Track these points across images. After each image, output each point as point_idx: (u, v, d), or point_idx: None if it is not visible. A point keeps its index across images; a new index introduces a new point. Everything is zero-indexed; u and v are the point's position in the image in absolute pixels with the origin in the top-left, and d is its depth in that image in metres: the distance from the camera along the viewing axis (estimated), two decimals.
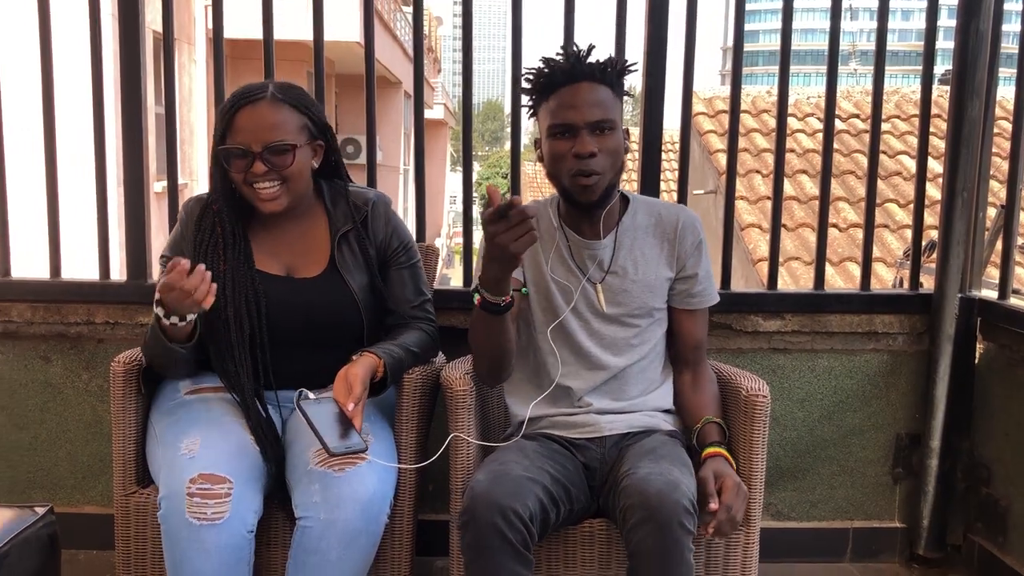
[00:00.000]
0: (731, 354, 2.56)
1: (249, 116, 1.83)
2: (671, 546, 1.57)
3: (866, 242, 2.67)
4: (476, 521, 1.61)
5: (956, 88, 2.54)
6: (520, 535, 1.60)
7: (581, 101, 1.81)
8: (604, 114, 1.81)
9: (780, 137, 2.61)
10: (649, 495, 1.60)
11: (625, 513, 1.62)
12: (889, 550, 2.64)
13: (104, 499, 2.57)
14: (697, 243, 1.97)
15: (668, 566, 1.58)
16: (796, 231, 6.71)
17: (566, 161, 1.82)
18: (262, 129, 1.83)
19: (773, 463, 2.58)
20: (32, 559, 1.57)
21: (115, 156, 2.61)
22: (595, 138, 1.81)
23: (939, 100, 5.80)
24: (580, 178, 1.82)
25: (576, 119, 1.80)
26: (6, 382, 2.55)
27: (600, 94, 1.82)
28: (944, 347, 2.52)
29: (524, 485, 1.66)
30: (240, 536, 1.70)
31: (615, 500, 1.71)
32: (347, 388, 1.75)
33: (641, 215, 1.97)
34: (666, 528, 1.57)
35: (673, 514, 1.57)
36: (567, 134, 1.82)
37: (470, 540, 1.62)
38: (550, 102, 1.84)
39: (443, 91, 23.78)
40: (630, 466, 1.73)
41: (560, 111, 1.82)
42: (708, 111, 7.74)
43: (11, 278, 2.55)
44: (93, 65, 2.51)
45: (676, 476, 1.66)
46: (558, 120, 1.82)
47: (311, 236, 1.98)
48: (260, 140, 1.82)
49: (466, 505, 1.64)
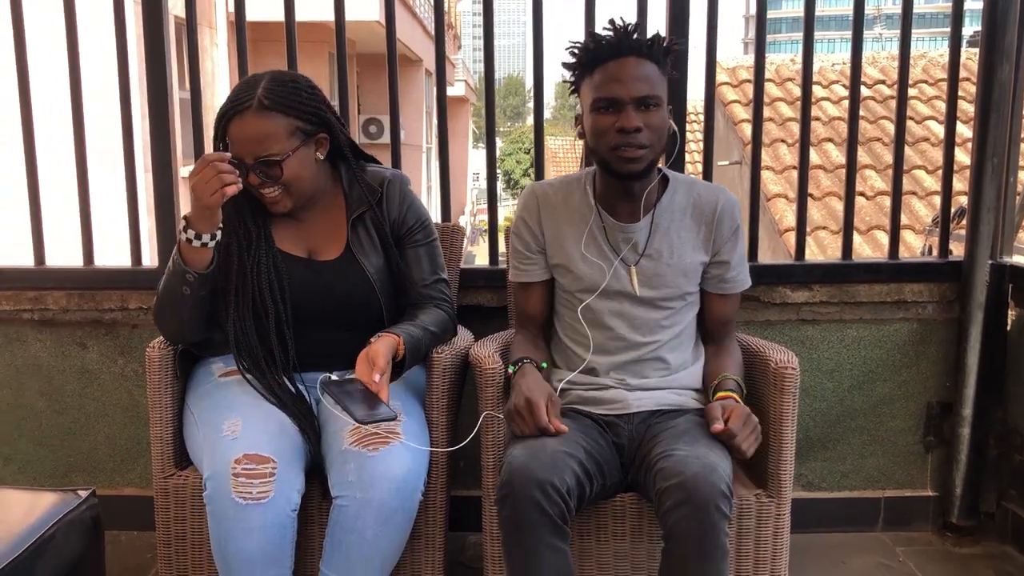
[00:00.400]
0: (759, 326, 2.55)
1: (239, 128, 1.83)
2: (707, 529, 1.58)
3: (894, 210, 2.64)
4: (515, 495, 1.62)
5: (985, 50, 2.49)
6: (558, 508, 1.62)
7: (627, 75, 1.78)
8: (651, 89, 1.79)
9: (805, 105, 2.58)
10: (686, 477, 1.60)
11: (662, 495, 1.62)
12: (921, 519, 2.64)
13: (143, 481, 2.62)
14: (734, 229, 1.95)
15: (704, 548, 1.58)
16: (823, 200, 6.65)
17: (609, 136, 1.80)
18: (250, 142, 1.83)
19: (803, 434, 2.58)
20: (76, 541, 1.61)
21: (141, 143, 2.63)
22: (640, 114, 1.78)
23: (968, 63, 5.71)
24: (624, 150, 1.79)
25: (622, 93, 1.78)
26: (45, 369, 2.60)
27: (646, 69, 1.80)
28: (975, 314, 2.50)
29: (561, 459, 1.67)
30: (284, 515, 1.74)
31: (649, 480, 1.72)
32: (370, 365, 1.76)
33: (680, 196, 1.95)
34: (703, 511, 1.57)
35: (710, 497, 1.58)
36: (611, 109, 1.79)
37: (508, 514, 1.63)
38: (594, 76, 1.81)
39: (464, 67, 23.66)
40: (665, 447, 1.73)
41: (605, 85, 1.79)
42: (731, 81, 7.67)
43: (46, 266, 2.60)
44: (119, 52, 2.53)
45: (713, 459, 1.66)
46: (603, 94, 1.80)
47: (329, 219, 1.99)
48: (250, 153, 1.83)
49: (504, 479, 1.65)
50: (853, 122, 2.61)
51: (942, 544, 2.56)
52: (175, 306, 1.87)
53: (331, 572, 1.79)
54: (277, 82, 1.86)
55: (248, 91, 1.84)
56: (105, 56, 2.60)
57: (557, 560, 1.63)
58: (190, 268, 1.81)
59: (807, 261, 2.63)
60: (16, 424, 2.63)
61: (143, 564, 2.43)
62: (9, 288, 2.56)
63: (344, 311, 1.94)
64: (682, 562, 1.60)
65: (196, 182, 1.74)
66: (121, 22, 2.52)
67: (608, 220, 1.93)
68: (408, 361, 1.86)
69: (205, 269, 1.83)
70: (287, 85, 1.86)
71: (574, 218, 1.96)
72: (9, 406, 2.62)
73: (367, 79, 13.24)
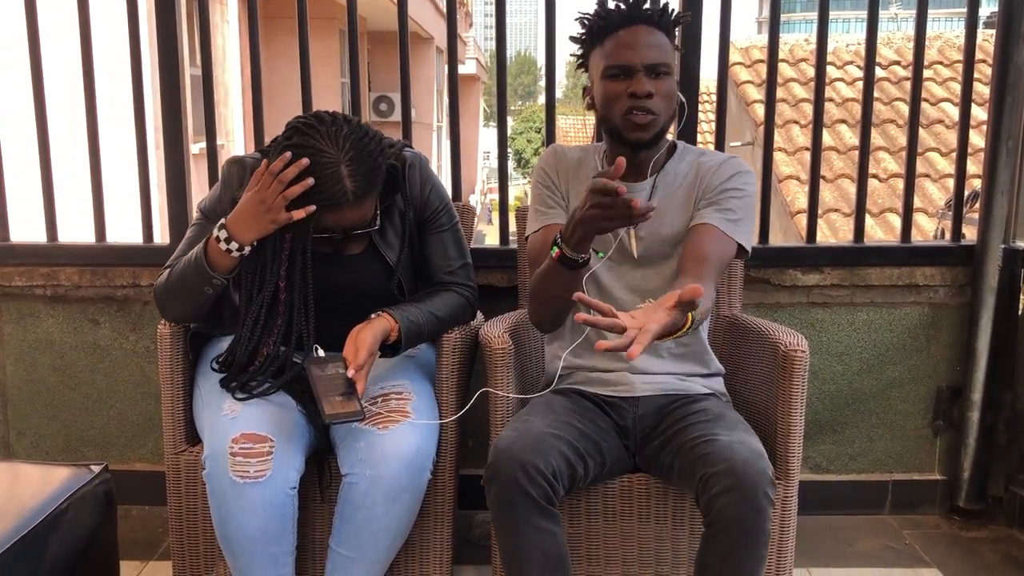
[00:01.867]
0: (769, 309, 2.55)
1: (335, 218, 1.78)
2: (755, 515, 1.58)
3: (907, 193, 2.63)
4: (499, 477, 1.64)
5: (1001, 32, 2.47)
6: (542, 490, 1.63)
7: (640, 43, 1.78)
8: (661, 57, 1.79)
9: (819, 86, 2.57)
10: (735, 463, 1.59)
11: (708, 480, 1.61)
12: (929, 502, 2.64)
13: (154, 456, 2.65)
14: (726, 178, 1.85)
15: (750, 534, 1.59)
16: (835, 182, 6.62)
17: (620, 101, 1.79)
18: (347, 225, 1.82)
19: (812, 416, 2.58)
20: (89, 516, 1.63)
21: (153, 120, 2.64)
22: (651, 80, 1.78)
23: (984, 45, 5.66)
24: (635, 115, 1.78)
25: (634, 60, 1.78)
26: (57, 344, 2.62)
27: (657, 38, 1.80)
28: (986, 299, 2.49)
29: (546, 441, 1.68)
30: (283, 493, 1.75)
31: (685, 464, 1.70)
32: (354, 351, 1.76)
33: (686, 163, 1.92)
34: (752, 497, 1.57)
35: (759, 483, 1.58)
36: (623, 75, 1.79)
37: (494, 495, 1.65)
38: (605, 45, 1.81)
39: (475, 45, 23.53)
40: (702, 432, 1.72)
41: (617, 52, 1.79)
42: (744, 61, 7.61)
43: (59, 242, 2.61)
44: (130, 28, 2.52)
45: (758, 446, 1.67)
46: (615, 61, 1.79)
47: None
48: (343, 230, 1.84)
49: (490, 461, 1.67)
50: (867, 103, 2.59)
51: (949, 528, 2.57)
52: (189, 299, 1.86)
53: (340, 548, 1.81)
54: (358, 163, 1.75)
55: (335, 183, 1.73)
56: (117, 33, 2.60)
57: (543, 540, 1.64)
58: (216, 273, 1.80)
59: (818, 244, 2.63)
60: (29, 399, 2.65)
61: (154, 538, 2.46)
62: (22, 264, 2.58)
63: (366, 301, 1.92)
64: (729, 547, 1.60)
65: (268, 196, 1.72)
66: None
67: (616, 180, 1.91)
68: (404, 344, 1.85)
69: (229, 274, 1.83)
70: (366, 163, 1.76)
71: (584, 184, 1.94)
72: (23, 381, 2.64)
73: (378, 56, 13.19)
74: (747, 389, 2.10)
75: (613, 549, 1.90)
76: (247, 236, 1.77)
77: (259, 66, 2.57)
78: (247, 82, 3.51)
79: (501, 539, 1.68)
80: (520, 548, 1.64)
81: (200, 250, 1.80)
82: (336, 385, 1.73)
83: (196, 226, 1.96)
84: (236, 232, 1.77)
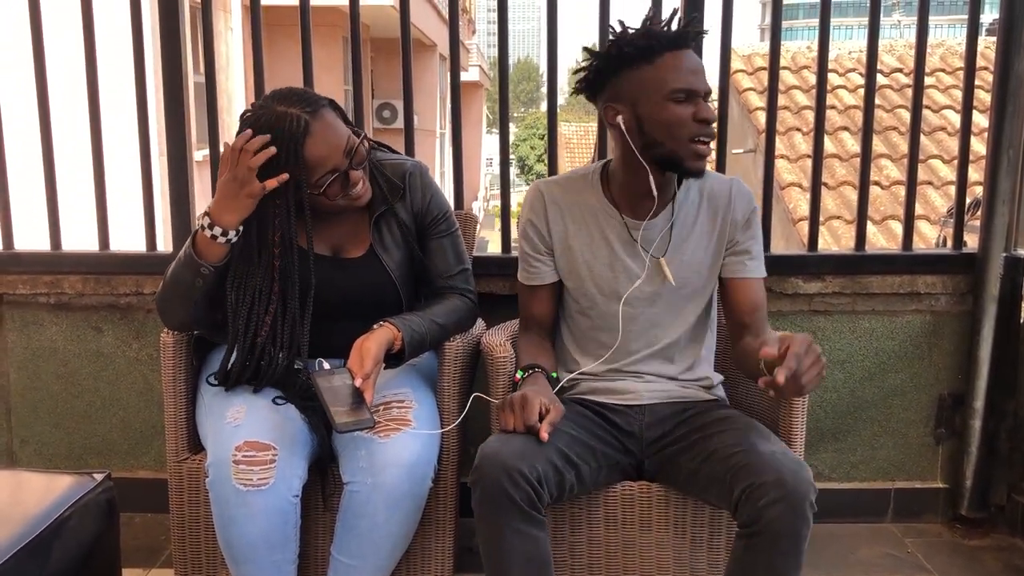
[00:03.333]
0: (771, 317, 2.55)
1: (321, 141, 1.80)
2: (801, 525, 1.59)
3: (908, 201, 2.63)
4: (484, 481, 1.65)
5: (1002, 40, 2.47)
6: (526, 495, 1.63)
7: (697, 68, 1.79)
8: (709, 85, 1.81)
9: (820, 93, 2.57)
10: (784, 474, 1.60)
11: (755, 491, 1.60)
12: (931, 510, 2.64)
13: (157, 464, 2.65)
14: (748, 214, 1.92)
15: (795, 543, 1.60)
16: (837, 189, 6.62)
17: (687, 126, 1.77)
18: (337, 139, 1.82)
19: (814, 424, 2.58)
20: (92, 524, 1.63)
21: (156, 127, 2.65)
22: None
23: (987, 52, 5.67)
24: (701, 144, 1.78)
25: (699, 86, 1.77)
26: (61, 352, 2.63)
27: (701, 62, 1.81)
28: (988, 307, 2.50)
29: (533, 447, 1.68)
30: (285, 501, 1.75)
31: (719, 473, 1.69)
32: (360, 361, 1.76)
33: (694, 190, 1.93)
34: (799, 508, 1.58)
35: (806, 494, 1.59)
36: (688, 99, 1.78)
37: (478, 498, 1.66)
38: (663, 62, 1.77)
39: (478, 52, 23.59)
40: (737, 440, 1.72)
41: (683, 76, 1.77)
42: (747, 68, 7.62)
43: (62, 251, 2.62)
44: (134, 36, 2.54)
45: (797, 456, 1.70)
46: (682, 85, 1.76)
47: (352, 217, 1.97)
48: (341, 151, 1.82)
49: (475, 465, 1.68)
50: (868, 111, 2.59)
51: (951, 536, 2.57)
52: (184, 296, 1.85)
53: (342, 556, 1.82)
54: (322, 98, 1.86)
55: (309, 103, 1.80)
56: (120, 40, 2.61)
57: (526, 545, 1.65)
58: (204, 262, 1.80)
59: (820, 252, 2.63)
60: (33, 407, 2.66)
61: (157, 545, 2.46)
62: (26, 272, 2.59)
63: (366, 307, 1.94)
64: (776, 557, 1.60)
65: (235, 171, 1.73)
66: (137, 6, 2.53)
67: (629, 221, 1.91)
68: (408, 353, 1.85)
69: (219, 262, 1.83)
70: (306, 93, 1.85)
71: (588, 221, 1.94)
72: (26, 389, 2.65)
73: (381, 63, 13.21)
74: (748, 397, 2.10)
75: (614, 557, 1.90)
76: (229, 219, 1.77)
77: (262, 73, 2.58)
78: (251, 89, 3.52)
79: (484, 543, 1.68)
80: (502, 552, 1.65)
81: (188, 241, 1.82)
82: (343, 396, 1.73)
83: None
84: (218, 216, 1.77)
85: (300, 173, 1.79)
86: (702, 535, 1.89)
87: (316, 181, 1.82)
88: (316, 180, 1.82)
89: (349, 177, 1.84)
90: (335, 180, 1.83)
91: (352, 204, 1.89)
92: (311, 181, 1.81)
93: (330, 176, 1.82)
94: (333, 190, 1.84)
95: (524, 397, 1.71)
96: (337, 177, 1.83)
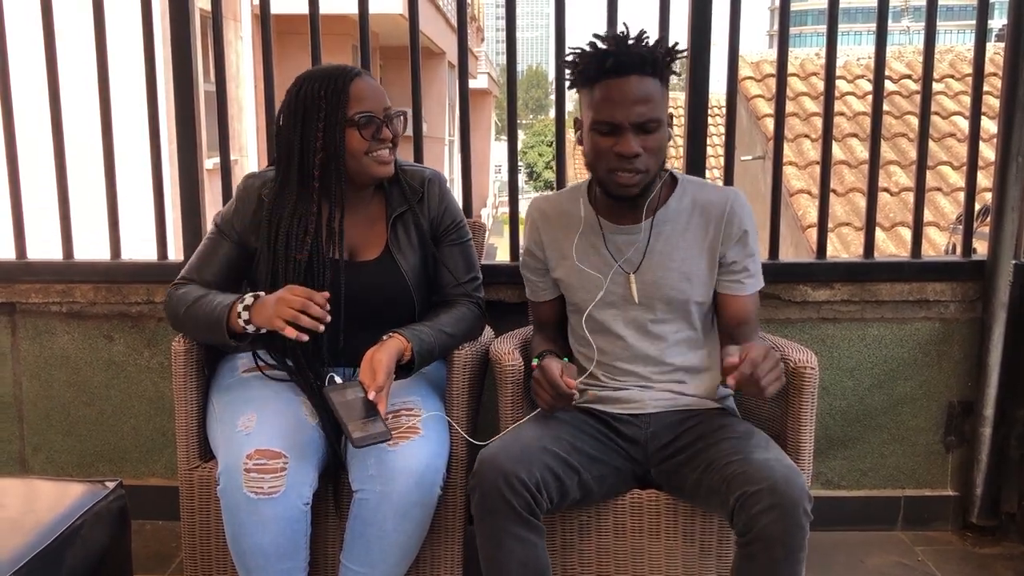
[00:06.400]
0: (779, 324, 2.55)
1: (366, 86, 1.90)
2: (796, 531, 1.60)
3: (917, 208, 2.63)
4: (482, 485, 1.66)
5: (1011, 47, 2.47)
6: (523, 500, 1.64)
7: (628, 98, 1.74)
8: (651, 112, 1.75)
9: (828, 100, 2.57)
10: (776, 481, 1.61)
11: (748, 499, 1.61)
12: (941, 518, 2.63)
13: (168, 471, 2.66)
14: (743, 231, 1.89)
15: (791, 550, 1.60)
16: (847, 196, 6.62)
17: (607, 158, 1.78)
18: (381, 97, 1.91)
19: (823, 432, 2.58)
20: (103, 531, 1.65)
21: (167, 136, 2.66)
22: (639, 137, 1.75)
23: (996, 58, 5.65)
24: (620, 174, 1.78)
25: (622, 119, 1.74)
26: (72, 360, 2.65)
27: (648, 88, 1.75)
28: (998, 314, 2.49)
29: (532, 453, 1.70)
30: (296, 509, 1.76)
31: (718, 481, 1.70)
32: (372, 373, 1.77)
33: (688, 199, 1.91)
34: (792, 514, 1.59)
35: (799, 501, 1.60)
36: (611, 132, 1.76)
37: (476, 503, 1.68)
38: (595, 92, 1.77)
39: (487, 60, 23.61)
40: (734, 449, 1.73)
41: (605, 107, 1.75)
42: (755, 75, 7.63)
43: (74, 260, 2.64)
44: (145, 45, 2.55)
45: (792, 463, 1.70)
46: (603, 117, 1.76)
47: (370, 218, 2.00)
48: (383, 108, 1.90)
49: (475, 470, 1.69)
50: (876, 117, 2.59)
51: (962, 544, 2.56)
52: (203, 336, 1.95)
53: (351, 564, 1.82)
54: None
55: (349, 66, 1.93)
56: (132, 50, 2.63)
57: (523, 550, 1.66)
58: (231, 337, 1.85)
59: (828, 260, 2.63)
60: (45, 414, 2.67)
61: (168, 553, 2.47)
62: (38, 281, 2.61)
63: (379, 310, 1.95)
64: (771, 564, 1.61)
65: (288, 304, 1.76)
66: (148, 16, 2.55)
67: (607, 225, 1.92)
68: (417, 364, 1.87)
69: (241, 339, 1.88)
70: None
71: (571, 228, 1.95)
72: (38, 397, 2.67)
73: (390, 71, 13.25)
74: (756, 405, 2.10)
75: (623, 566, 1.91)
76: (258, 320, 1.82)
77: (272, 82, 2.60)
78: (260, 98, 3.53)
79: (481, 547, 1.70)
80: (499, 557, 1.67)
81: (223, 313, 1.84)
82: (358, 409, 1.74)
83: (209, 239, 2.01)
84: (254, 314, 1.82)
85: (340, 109, 1.86)
86: (711, 544, 1.89)
87: (353, 115, 1.87)
88: (354, 114, 1.87)
89: (382, 132, 1.89)
90: (370, 122, 1.87)
91: (377, 171, 1.91)
92: (349, 114, 1.87)
93: (367, 115, 1.87)
94: (367, 130, 1.88)
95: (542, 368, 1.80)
96: (373, 120, 1.88)
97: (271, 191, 1.93)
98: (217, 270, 1.98)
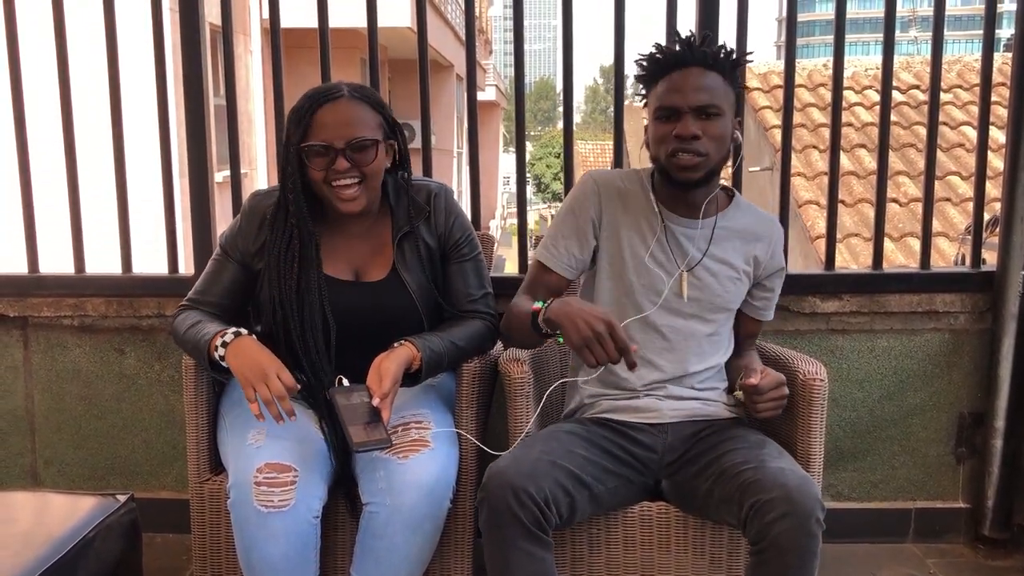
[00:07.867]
0: (788, 336, 2.55)
1: (331, 112, 1.84)
2: (810, 540, 1.61)
3: (925, 219, 2.63)
4: (490, 500, 1.66)
5: (1019, 55, 2.47)
6: (532, 515, 1.64)
7: (688, 85, 1.81)
8: (711, 99, 1.81)
9: (835, 111, 2.58)
10: (790, 490, 1.62)
11: (761, 507, 1.62)
12: (953, 530, 2.62)
13: (179, 484, 2.67)
14: (781, 265, 2.03)
15: (804, 559, 1.61)
16: (855, 207, 6.61)
17: (667, 142, 1.82)
18: (344, 125, 1.83)
19: (832, 444, 2.57)
20: (115, 544, 1.66)
21: (177, 149, 2.68)
22: (699, 122, 1.81)
23: (1004, 68, 5.64)
24: (680, 155, 1.81)
25: (680, 103, 1.81)
26: (84, 373, 2.66)
27: (709, 80, 1.82)
28: (1008, 325, 2.48)
29: (543, 467, 1.69)
30: (306, 522, 1.76)
31: (731, 490, 1.70)
32: (379, 380, 1.78)
33: (741, 215, 1.98)
34: (805, 523, 1.60)
35: (812, 510, 1.61)
36: (671, 117, 1.82)
37: (484, 517, 1.68)
38: (658, 87, 1.85)
39: (495, 72, 23.69)
40: (746, 458, 1.74)
41: (667, 95, 1.83)
42: (763, 86, 7.63)
43: (86, 274, 2.65)
44: (156, 59, 2.57)
45: (804, 472, 1.72)
46: (663, 103, 1.83)
47: (376, 237, 1.99)
48: (342, 136, 1.83)
49: (483, 484, 1.70)
50: (884, 128, 2.59)
51: (974, 556, 2.54)
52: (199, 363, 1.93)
53: None
54: (358, 84, 1.93)
55: (334, 86, 1.89)
56: (143, 64, 2.65)
57: (532, 565, 1.66)
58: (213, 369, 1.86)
59: (837, 271, 2.63)
60: (56, 428, 2.68)
61: (179, 566, 2.47)
62: (50, 295, 2.62)
63: (387, 329, 1.93)
64: (785, 572, 1.62)
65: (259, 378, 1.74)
66: (159, 31, 2.58)
67: (669, 215, 1.93)
68: (425, 374, 1.87)
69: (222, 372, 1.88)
70: (368, 88, 1.95)
71: (637, 217, 1.95)
72: (50, 410, 2.68)
73: (399, 84, 13.31)
74: None
75: None
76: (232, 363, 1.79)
77: (282, 95, 2.61)
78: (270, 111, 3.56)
79: (488, 561, 1.70)
80: (507, 571, 1.66)
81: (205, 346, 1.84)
82: (361, 414, 1.75)
83: (215, 261, 2.01)
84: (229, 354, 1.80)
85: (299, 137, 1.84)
86: (721, 556, 1.88)
87: (304, 143, 1.84)
88: (305, 142, 1.84)
89: (336, 161, 1.84)
90: (322, 153, 1.83)
91: (340, 206, 1.87)
92: (305, 143, 1.83)
93: (321, 146, 1.83)
94: (318, 160, 1.84)
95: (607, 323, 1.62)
96: (327, 152, 1.83)
97: (271, 211, 1.94)
98: (221, 292, 1.98)
